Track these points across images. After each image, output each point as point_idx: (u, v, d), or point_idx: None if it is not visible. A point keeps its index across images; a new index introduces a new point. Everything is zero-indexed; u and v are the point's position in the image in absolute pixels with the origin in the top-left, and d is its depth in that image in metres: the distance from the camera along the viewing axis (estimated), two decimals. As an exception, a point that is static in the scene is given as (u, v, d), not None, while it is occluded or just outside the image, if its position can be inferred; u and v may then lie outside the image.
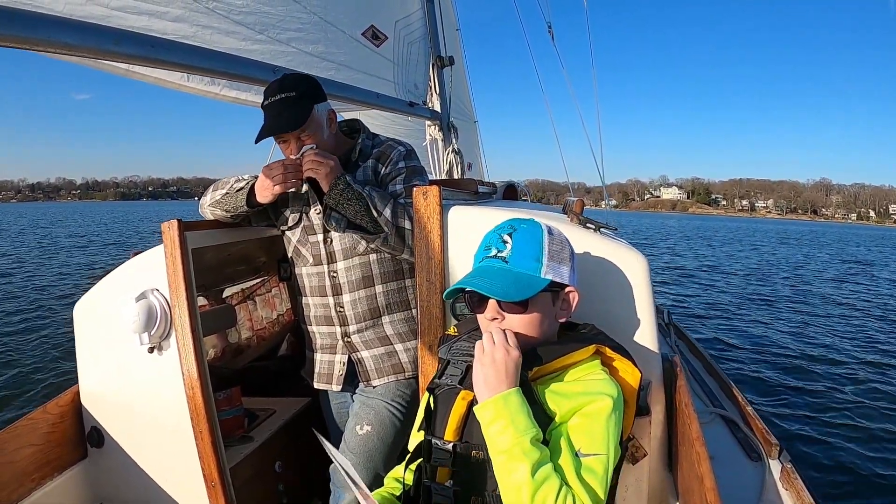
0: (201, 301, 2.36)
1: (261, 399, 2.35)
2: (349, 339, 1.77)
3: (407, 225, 1.60)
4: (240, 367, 2.74)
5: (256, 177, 1.67)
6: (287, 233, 1.82)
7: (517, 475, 0.96)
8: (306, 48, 2.52)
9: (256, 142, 1.62)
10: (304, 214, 1.77)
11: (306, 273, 1.80)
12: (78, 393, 1.86)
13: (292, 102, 1.61)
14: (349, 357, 1.78)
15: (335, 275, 1.75)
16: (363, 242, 1.70)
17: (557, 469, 0.98)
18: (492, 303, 1.12)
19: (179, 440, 1.68)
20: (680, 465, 1.29)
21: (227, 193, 1.71)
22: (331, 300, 1.76)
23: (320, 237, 1.75)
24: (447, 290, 1.20)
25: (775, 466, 1.42)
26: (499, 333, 1.08)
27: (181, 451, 1.68)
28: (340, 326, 1.77)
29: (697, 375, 2.19)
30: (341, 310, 1.76)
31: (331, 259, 1.75)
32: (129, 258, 1.80)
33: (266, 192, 1.62)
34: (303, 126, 1.61)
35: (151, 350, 1.70)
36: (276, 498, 2.05)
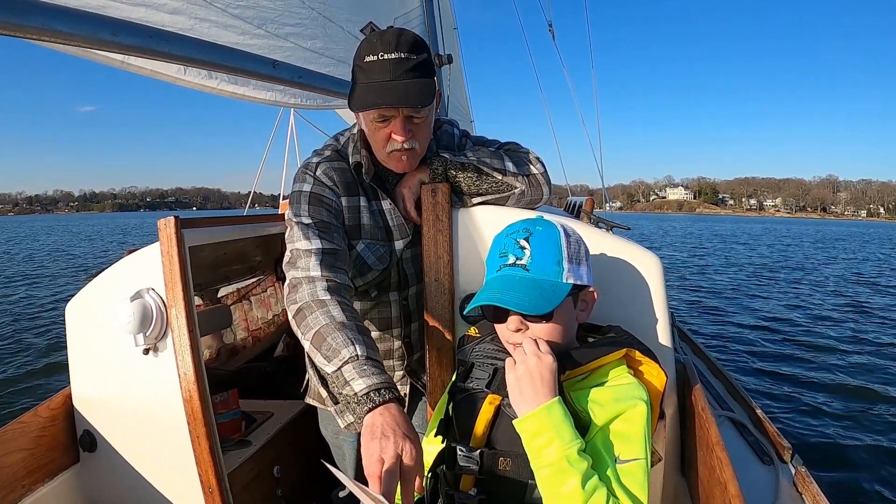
0: (196, 301, 2.30)
1: (257, 402, 2.30)
2: (411, 368, 1.60)
3: (537, 168, 1.40)
4: (235, 369, 2.69)
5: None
6: (369, 263, 1.48)
7: (566, 487, 0.92)
8: (305, 44, 2.48)
9: (359, 111, 1.30)
10: (393, 257, 1.49)
11: (361, 308, 1.55)
12: (70, 395, 1.79)
13: (418, 69, 1.23)
14: (411, 385, 1.59)
15: (406, 302, 1.56)
16: None
17: (603, 479, 0.94)
18: (514, 314, 1.07)
19: (175, 444, 1.62)
20: (696, 468, 1.26)
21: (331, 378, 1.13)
22: (394, 331, 1.55)
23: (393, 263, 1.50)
24: (468, 306, 1.13)
25: (789, 470, 1.39)
26: (529, 343, 1.04)
27: (177, 456, 1.62)
28: (405, 359, 1.58)
29: (703, 378, 2.17)
30: (408, 339, 1.58)
31: (402, 285, 1.54)
32: (123, 256, 1.75)
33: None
34: (427, 105, 1.27)
35: (146, 351, 1.63)
36: (276, 502, 2.00)
